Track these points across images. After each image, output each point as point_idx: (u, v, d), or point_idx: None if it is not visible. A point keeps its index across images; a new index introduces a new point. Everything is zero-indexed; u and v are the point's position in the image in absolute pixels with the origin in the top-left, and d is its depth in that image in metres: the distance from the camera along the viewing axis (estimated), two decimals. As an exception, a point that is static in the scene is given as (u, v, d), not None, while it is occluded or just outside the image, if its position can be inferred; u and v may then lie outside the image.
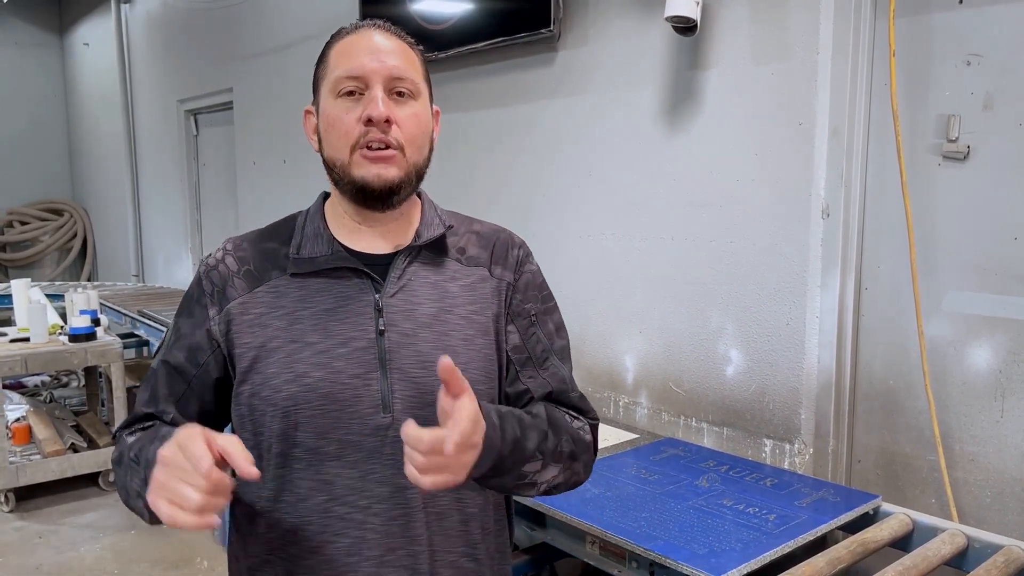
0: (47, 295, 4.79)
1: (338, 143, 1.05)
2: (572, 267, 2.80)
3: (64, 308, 4.37)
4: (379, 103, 1.02)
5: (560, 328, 1.19)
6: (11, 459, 3.80)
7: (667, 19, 2.21)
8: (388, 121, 1.03)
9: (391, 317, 1.06)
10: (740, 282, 2.29)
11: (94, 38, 7.16)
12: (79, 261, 7.86)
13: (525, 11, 2.78)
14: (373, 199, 1.06)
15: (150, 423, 1.10)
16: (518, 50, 2.90)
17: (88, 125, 7.60)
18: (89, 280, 7.54)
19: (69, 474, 3.89)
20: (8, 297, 4.59)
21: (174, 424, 1.06)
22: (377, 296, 1.07)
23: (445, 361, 0.87)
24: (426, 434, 0.85)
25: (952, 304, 2.02)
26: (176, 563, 3.27)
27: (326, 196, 1.16)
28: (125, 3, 6.45)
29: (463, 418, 0.86)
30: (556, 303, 1.22)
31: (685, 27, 2.24)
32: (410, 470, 0.87)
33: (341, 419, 1.02)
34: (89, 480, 4.04)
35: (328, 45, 1.10)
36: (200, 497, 0.84)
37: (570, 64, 2.75)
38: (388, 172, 1.04)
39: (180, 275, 6.08)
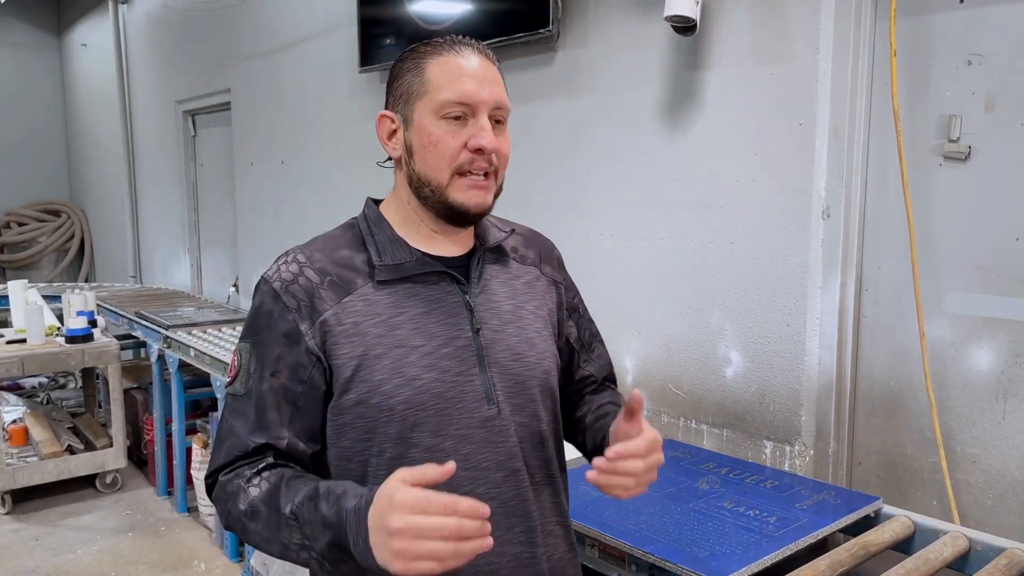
0: (44, 296, 4.77)
1: (439, 164, 1.09)
2: (571, 268, 2.76)
3: (61, 309, 4.36)
4: (490, 134, 1.08)
5: (589, 313, 1.42)
6: (8, 461, 3.79)
7: (667, 19, 2.20)
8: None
9: (481, 315, 1.15)
10: (740, 283, 2.28)
11: (92, 39, 7.15)
12: (77, 262, 7.85)
13: (524, 11, 2.77)
14: (463, 220, 1.14)
15: (257, 457, 1.08)
16: (517, 50, 2.89)
17: (86, 126, 7.59)
18: (86, 281, 7.52)
19: (66, 476, 3.88)
20: (5, 298, 4.57)
21: (289, 452, 1.09)
22: (466, 296, 1.14)
23: (639, 394, 1.06)
24: (625, 448, 1.02)
25: (953, 305, 2.01)
26: (173, 565, 3.26)
27: (376, 202, 1.20)
28: (123, 4, 6.44)
29: (649, 431, 1.07)
30: None
31: (685, 27, 2.23)
32: (621, 486, 1.04)
33: (453, 416, 1.09)
34: (86, 482, 4.03)
35: (421, 57, 1.11)
36: (450, 547, 0.88)
37: (569, 64, 2.74)
38: (485, 199, 1.12)
39: (178, 276, 6.07)
